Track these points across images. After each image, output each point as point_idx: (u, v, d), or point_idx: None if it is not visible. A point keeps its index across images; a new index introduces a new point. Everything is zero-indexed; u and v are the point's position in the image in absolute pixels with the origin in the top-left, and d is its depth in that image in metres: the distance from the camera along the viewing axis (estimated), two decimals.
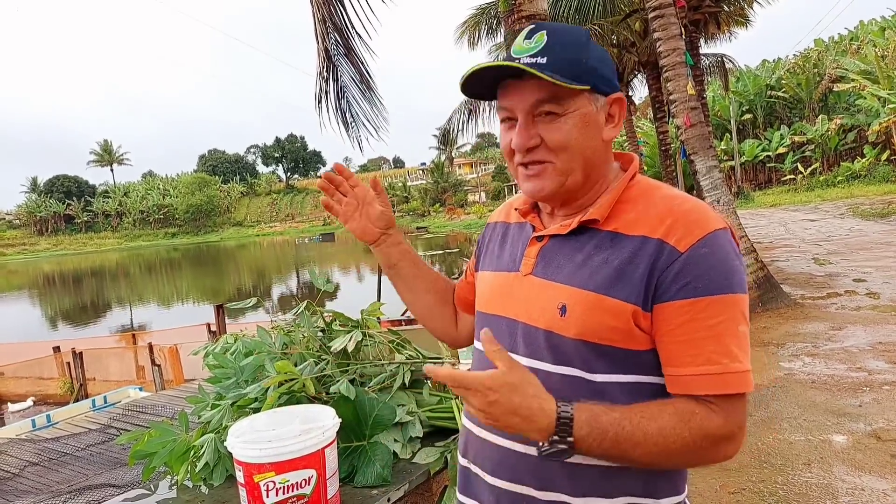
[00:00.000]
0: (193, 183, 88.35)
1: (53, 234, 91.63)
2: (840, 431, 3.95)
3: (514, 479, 1.00)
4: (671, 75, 7.85)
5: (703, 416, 0.88)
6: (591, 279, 0.95)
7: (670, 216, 0.94)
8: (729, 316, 0.89)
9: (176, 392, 7.50)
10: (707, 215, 0.94)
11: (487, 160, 76.29)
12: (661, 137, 15.97)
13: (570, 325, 0.95)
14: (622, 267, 0.93)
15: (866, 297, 7.62)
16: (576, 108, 0.96)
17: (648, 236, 0.94)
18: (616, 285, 0.93)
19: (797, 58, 38.30)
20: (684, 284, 0.90)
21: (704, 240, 0.91)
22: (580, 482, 0.96)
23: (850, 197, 24.11)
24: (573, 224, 1.01)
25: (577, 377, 0.95)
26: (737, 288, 0.91)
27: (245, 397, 1.61)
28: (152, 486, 1.58)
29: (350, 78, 5.16)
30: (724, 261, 0.91)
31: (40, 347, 11.63)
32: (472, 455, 1.09)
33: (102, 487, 4.27)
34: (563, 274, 0.99)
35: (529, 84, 0.96)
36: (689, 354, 0.90)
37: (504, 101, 1.01)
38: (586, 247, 0.99)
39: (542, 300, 0.99)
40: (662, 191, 1.01)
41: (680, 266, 0.90)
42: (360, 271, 30.73)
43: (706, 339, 0.89)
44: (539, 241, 1.06)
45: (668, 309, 0.91)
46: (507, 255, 1.13)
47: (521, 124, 0.98)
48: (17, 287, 43.68)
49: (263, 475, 1.17)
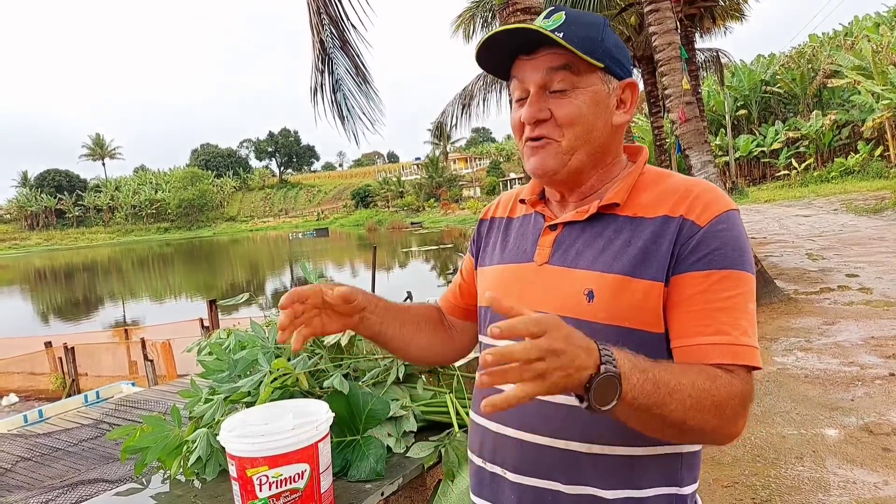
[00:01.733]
0: (186, 177, 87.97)
1: (45, 229, 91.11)
2: (832, 425, 3.98)
3: (540, 475, 0.97)
4: (666, 70, 7.85)
5: (726, 378, 0.86)
6: (615, 262, 0.94)
7: (689, 195, 0.95)
8: (741, 292, 0.91)
9: (169, 387, 7.48)
10: (724, 195, 0.97)
11: (482, 155, 76.27)
12: (657, 132, 15.99)
13: (599, 310, 0.93)
14: (646, 247, 0.93)
15: (859, 293, 7.66)
16: (588, 85, 0.97)
17: (670, 215, 0.94)
18: (642, 265, 0.93)
19: (792, 53, 38.45)
20: (702, 256, 0.91)
21: (722, 216, 0.93)
22: (608, 474, 0.94)
23: (843, 192, 24.26)
24: (592, 209, 1.00)
25: None
26: (748, 267, 0.93)
27: (238, 391, 1.60)
28: (144, 481, 1.57)
29: (346, 70, 5.13)
30: (739, 238, 0.93)
31: (32, 343, 11.56)
32: (490, 454, 1.05)
33: (95, 482, 4.25)
34: (584, 260, 0.98)
35: (543, 57, 0.97)
36: (701, 324, 0.90)
37: (518, 75, 1.00)
38: (606, 231, 0.98)
39: (565, 288, 0.97)
40: (676, 176, 1.02)
41: (699, 239, 0.91)
42: (354, 266, 30.70)
43: (719, 310, 0.89)
44: (553, 231, 1.04)
45: (684, 279, 0.91)
46: (514, 247, 1.10)
47: (533, 96, 0.98)
48: (8, 282, 43.44)
49: (257, 469, 1.16)
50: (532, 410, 0.97)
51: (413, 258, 32.20)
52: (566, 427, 0.95)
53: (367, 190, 74.41)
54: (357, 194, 74.95)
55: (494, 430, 1.04)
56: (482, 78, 15.72)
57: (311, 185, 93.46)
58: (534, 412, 0.97)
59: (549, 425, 0.96)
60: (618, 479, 0.94)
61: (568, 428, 0.95)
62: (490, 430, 1.05)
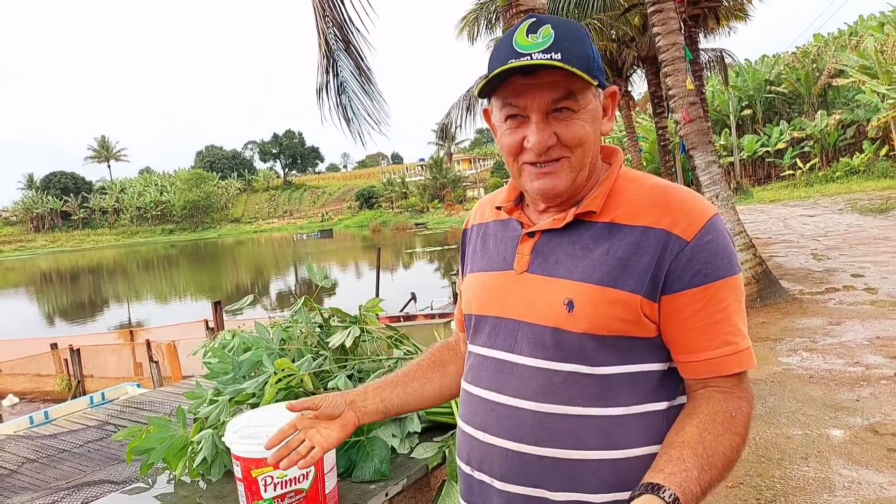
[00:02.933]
0: (190, 179, 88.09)
1: (50, 231, 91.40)
2: (837, 426, 3.96)
3: (526, 483, 0.98)
4: (670, 70, 7.84)
5: (734, 408, 0.94)
6: (595, 272, 0.95)
7: (669, 206, 0.96)
8: (735, 296, 0.95)
9: (174, 388, 7.51)
10: (703, 203, 0.98)
11: (486, 156, 76.22)
12: (661, 133, 15.95)
13: (579, 320, 0.94)
14: (626, 257, 0.94)
15: (864, 292, 7.63)
16: (587, 104, 0.97)
17: (651, 227, 0.95)
18: (622, 277, 0.94)
19: (796, 53, 38.29)
20: (695, 273, 0.93)
21: (706, 227, 0.94)
22: (596, 479, 0.95)
23: (848, 192, 24.14)
24: (568, 217, 1.00)
25: (579, 373, 0.95)
26: (737, 268, 0.96)
27: (243, 392, 1.60)
28: (150, 482, 1.58)
29: (350, 73, 5.15)
30: (725, 244, 0.95)
31: (38, 344, 11.61)
32: (478, 461, 1.05)
33: (100, 484, 4.27)
34: (563, 269, 0.98)
35: (544, 82, 0.93)
36: (706, 339, 0.94)
37: (513, 100, 0.97)
38: (583, 239, 0.99)
39: (546, 297, 0.98)
40: (651, 180, 1.02)
41: (689, 255, 0.93)
42: (359, 268, 30.72)
43: (720, 322, 0.94)
44: (531, 238, 1.04)
45: (681, 299, 0.93)
46: (494, 255, 1.10)
47: (538, 124, 0.95)
48: (14, 284, 43.64)
49: (262, 470, 1.17)
50: (517, 419, 0.98)
51: (417, 259, 32.21)
52: (552, 436, 0.95)
53: (371, 191, 74.44)
54: (361, 195, 74.98)
55: (480, 440, 1.04)
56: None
57: (316, 186, 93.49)
58: (518, 421, 0.98)
59: (535, 434, 0.96)
60: (606, 483, 0.94)
61: (554, 436, 0.95)
62: (477, 438, 1.05)
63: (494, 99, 1.01)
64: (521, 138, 0.98)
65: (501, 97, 0.99)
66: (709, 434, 0.90)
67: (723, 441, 0.91)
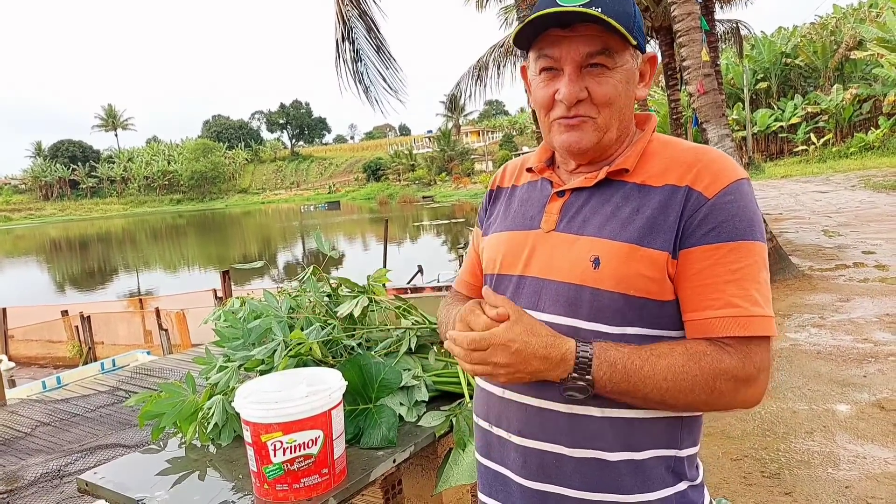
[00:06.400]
0: (197, 149, 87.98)
1: (59, 200, 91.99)
2: (844, 401, 3.97)
3: (544, 438, 0.99)
4: (685, 41, 7.66)
5: (715, 356, 0.89)
6: (623, 230, 0.94)
7: (697, 164, 0.96)
8: (751, 262, 0.91)
9: (183, 356, 7.61)
10: (732, 164, 0.95)
11: (495, 128, 75.47)
12: (673, 105, 15.68)
13: (605, 277, 0.94)
14: (654, 216, 0.94)
15: (875, 269, 7.57)
16: (623, 63, 0.96)
17: (677, 185, 0.94)
18: (649, 235, 0.93)
19: (814, 24, 37.39)
20: (710, 230, 0.91)
21: (730, 187, 0.93)
22: (611, 437, 0.95)
23: (862, 168, 23.82)
24: (600, 175, 1.00)
25: (602, 332, 0.94)
26: (759, 236, 0.92)
27: (252, 359, 1.61)
28: (161, 445, 1.60)
29: (364, 38, 5.08)
30: (747, 208, 0.93)
31: (49, 311, 11.77)
32: (496, 417, 1.06)
33: (112, 447, 4.35)
34: (591, 227, 0.98)
35: (581, 35, 0.94)
36: (711, 298, 0.91)
37: (550, 51, 0.96)
38: (613, 198, 0.99)
39: (572, 255, 0.97)
40: (684, 143, 1.02)
41: (706, 212, 0.91)
42: (366, 240, 30.78)
43: (728, 283, 0.90)
44: (560, 197, 1.04)
45: (693, 254, 0.92)
46: (520, 215, 1.10)
47: (571, 76, 0.95)
48: (25, 252, 44.06)
49: (271, 435, 1.18)
50: None
51: (424, 232, 32.21)
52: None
53: (378, 163, 74.14)
54: (368, 167, 74.73)
55: (499, 395, 1.05)
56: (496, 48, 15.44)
57: (323, 157, 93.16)
58: None
59: (554, 389, 0.96)
60: (621, 442, 0.95)
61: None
62: (495, 394, 1.06)
63: (532, 52, 1.01)
64: (553, 92, 0.98)
65: (537, 48, 0.99)
66: (666, 348, 0.90)
67: (677, 360, 0.88)
